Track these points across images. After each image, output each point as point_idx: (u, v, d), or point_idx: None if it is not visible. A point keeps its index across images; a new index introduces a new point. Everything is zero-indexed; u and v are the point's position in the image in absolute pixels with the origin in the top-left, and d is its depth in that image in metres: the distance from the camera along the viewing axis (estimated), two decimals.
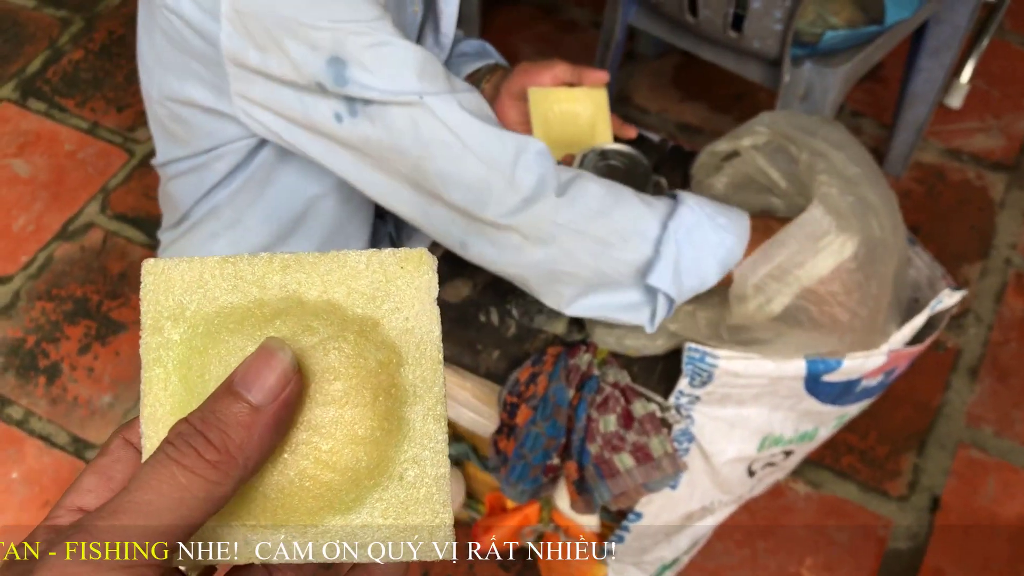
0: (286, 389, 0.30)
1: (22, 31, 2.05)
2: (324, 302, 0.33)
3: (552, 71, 1.01)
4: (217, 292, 0.33)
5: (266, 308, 0.33)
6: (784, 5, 1.21)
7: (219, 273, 0.33)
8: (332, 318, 0.32)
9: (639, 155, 0.96)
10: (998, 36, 1.94)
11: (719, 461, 0.91)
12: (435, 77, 0.82)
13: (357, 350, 0.32)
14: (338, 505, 0.32)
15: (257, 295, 0.33)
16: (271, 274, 0.33)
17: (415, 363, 0.33)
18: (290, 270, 0.33)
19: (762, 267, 0.79)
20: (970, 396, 1.50)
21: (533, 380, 0.92)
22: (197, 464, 0.29)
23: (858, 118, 1.86)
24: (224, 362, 0.32)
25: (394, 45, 0.81)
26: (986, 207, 1.72)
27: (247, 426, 0.30)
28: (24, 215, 1.77)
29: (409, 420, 0.33)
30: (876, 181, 0.85)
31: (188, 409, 0.31)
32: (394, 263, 0.33)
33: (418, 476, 0.32)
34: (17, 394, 1.55)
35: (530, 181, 0.82)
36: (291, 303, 0.33)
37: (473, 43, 1.14)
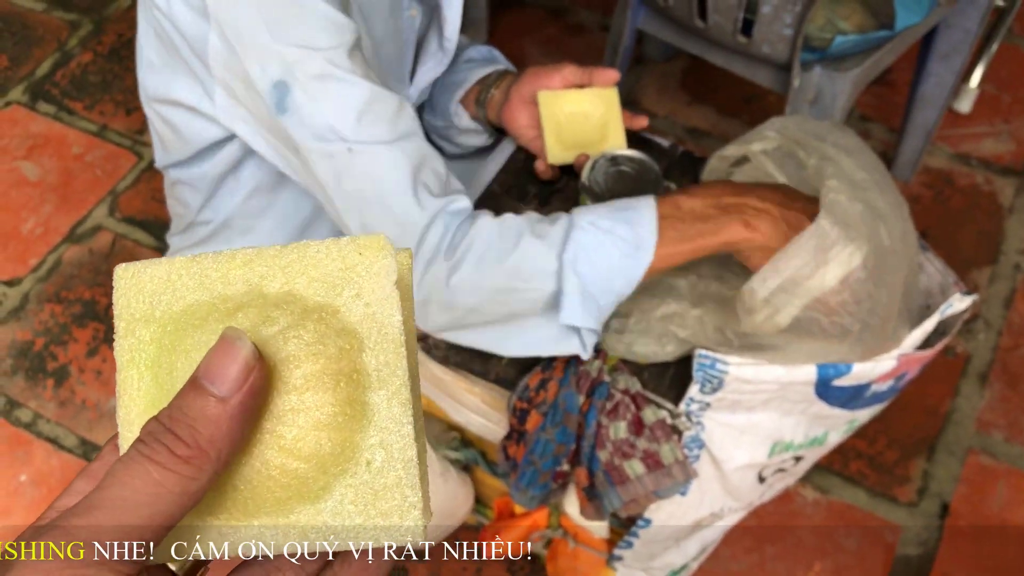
0: (249, 378, 0.31)
1: (31, 34, 2.06)
2: (285, 293, 0.33)
3: (561, 73, 1.01)
4: (184, 291, 0.33)
5: (229, 303, 0.33)
6: (794, 10, 1.20)
7: (186, 272, 0.34)
8: (292, 308, 0.33)
9: (650, 161, 0.96)
10: (1007, 40, 1.94)
11: (729, 467, 0.91)
12: (377, 121, 0.81)
13: (317, 337, 0.32)
14: (307, 494, 0.32)
15: (221, 291, 0.33)
16: (234, 269, 0.33)
17: (377, 348, 0.33)
18: (252, 264, 0.33)
19: (771, 281, 0.79)
20: (980, 402, 1.50)
21: (543, 386, 0.92)
22: (169, 460, 0.29)
23: (867, 122, 1.86)
24: (190, 358, 0.33)
25: (342, 81, 0.80)
26: (995, 212, 1.72)
27: (215, 419, 0.30)
28: (33, 218, 1.77)
29: (374, 405, 0.33)
30: (886, 187, 0.84)
31: (160, 406, 0.32)
32: (353, 250, 0.33)
33: (386, 461, 0.32)
34: (26, 396, 1.55)
35: (431, 243, 0.82)
36: (253, 296, 0.33)
37: (481, 49, 1.14)
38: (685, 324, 0.85)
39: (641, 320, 0.87)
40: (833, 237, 0.78)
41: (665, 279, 0.87)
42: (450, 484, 1.14)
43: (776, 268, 0.79)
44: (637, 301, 0.87)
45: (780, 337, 0.82)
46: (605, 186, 0.93)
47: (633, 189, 0.91)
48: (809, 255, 0.78)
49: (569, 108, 1.01)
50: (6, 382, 1.57)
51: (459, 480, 1.16)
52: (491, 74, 1.08)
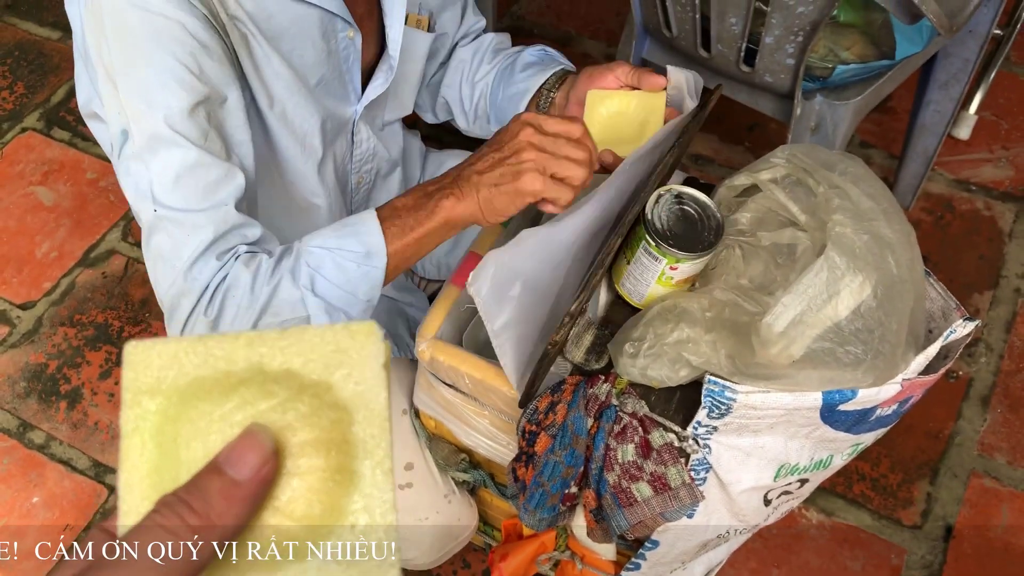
0: (264, 468, 0.34)
1: (47, 62, 2.09)
2: (283, 370, 0.37)
3: (614, 72, 1.04)
4: (190, 368, 0.37)
5: (232, 378, 0.36)
6: (796, 40, 1.23)
7: (192, 351, 0.37)
8: (290, 383, 0.36)
9: (714, 207, 0.93)
10: (1005, 68, 1.97)
11: (736, 490, 0.93)
12: (192, 185, 0.86)
13: (312, 409, 0.36)
14: (296, 552, 0.35)
15: (224, 368, 0.37)
16: (238, 349, 0.37)
17: (365, 422, 0.36)
18: (254, 345, 0.37)
19: (787, 314, 0.81)
20: (982, 425, 1.51)
21: (552, 408, 0.93)
22: (179, 527, 0.32)
23: (868, 148, 1.88)
24: (194, 425, 0.36)
25: (171, 144, 0.84)
26: (995, 237, 1.74)
27: (227, 497, 0.33)
28: (47, 242, 1.80)
29: (360, 473, 0.36)
30: (893, 216, 0.86)
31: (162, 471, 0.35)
32: (346, 335, 0.37)
33: (368, 525, 0.36)
34: (39, 419, 1.57)
35: (185, 308, 0.87)
36: (254, 372, 0.37)
37: (535, 52, 1.17)
38: (699, 351, 0.87)
39: (655, 345, 0.88)
40: (842, 268, 0.80)
41: (678, 303, 0.89)
42: (454, 505, 1.16)
43: (792, 301, 0.81)
44: (651, 326, 0.89)
45: (793, 367, 0.84)
46: (666, 223, 0.93)
47: (691, 232, 0.92)
48: (822, 286, 0.80)
49: (614, 108, 1.04)
50: (19, 404, 1.59)
51: (463, 501, 1.18)
52: (550, 78, 1.12)
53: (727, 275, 0.94)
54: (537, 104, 1.12)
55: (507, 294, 0.89)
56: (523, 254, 0.90)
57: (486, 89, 1.20)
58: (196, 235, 0.86)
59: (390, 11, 1.02)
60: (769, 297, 0.88)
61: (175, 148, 0.84)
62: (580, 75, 1.07)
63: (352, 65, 1.02)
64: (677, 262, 0.91)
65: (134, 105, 0.83)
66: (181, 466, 0.36)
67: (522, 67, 1.16)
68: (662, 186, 0.96)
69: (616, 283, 1.00)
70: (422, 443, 1.14)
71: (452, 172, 0.91)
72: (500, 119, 1.18)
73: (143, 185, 0.85)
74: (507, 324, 0.89)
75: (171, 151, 0.84)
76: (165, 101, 0.83)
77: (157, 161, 0.85)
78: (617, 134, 1.04)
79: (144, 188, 0.85)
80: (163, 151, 0.84)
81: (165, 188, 0.85)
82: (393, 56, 1.03)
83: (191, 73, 0.83)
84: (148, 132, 0.84)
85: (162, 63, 0.82)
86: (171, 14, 0.81)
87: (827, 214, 0.86)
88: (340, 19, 0.96)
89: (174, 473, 0.36)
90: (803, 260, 0.89)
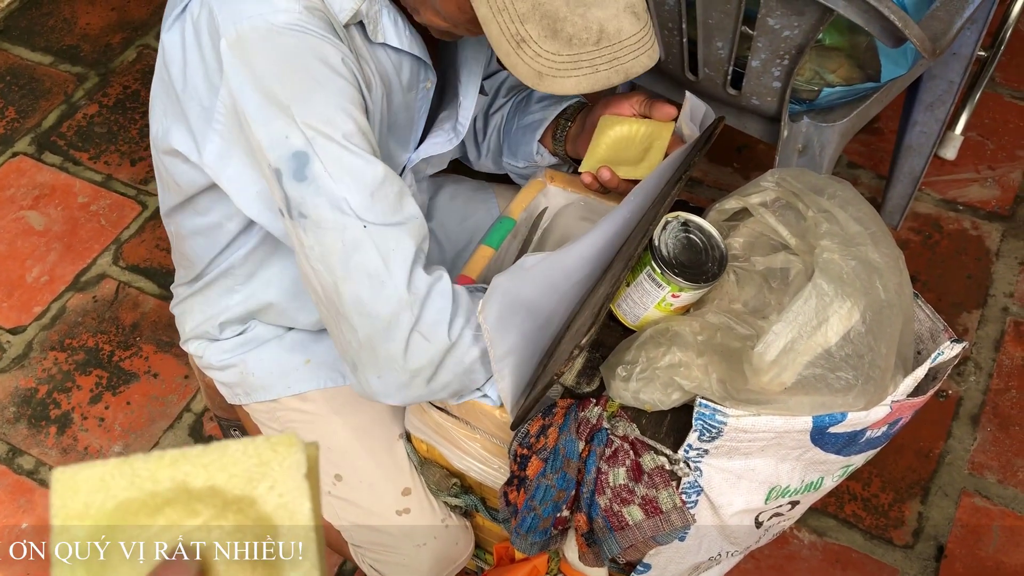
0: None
1: (38, 87, 2.10)
2: (207, 488, 0.38)
3: (629, 101, 1.07)
4: (116, 490, 0.38)
5: (157, 498, 0.38)
6: (782, 64, 1.25)
7: (118, 473, 0.38)
8: (214, 500, 0.37)
9: (719, 238, 0.94)
10: (990, 89, 1.99)
11: (727, 513, 0.93)
12: (385, 199, 0.85)
13: (236, 526, 0.37)
14: None
15: (150, 488, 0.38)
16: (161, 469, 0.38)
17: (290, 533, 0.37)
18: (178, 464, 0.38)
19: (779, 342, 0.82)
20: (972, 444, 1.52)
21: (544, 432, 0.94)
22: None
23: (855, 169, 1.90)
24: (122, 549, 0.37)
25: (359, 158, 0.84)
26: (983, 256, 1.75)
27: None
28: (38, 266, 1.80)
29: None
30: (881, 240, 0.87)
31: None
32: (267, 448, 0.38)
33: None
34: (28, 444, 1.56)
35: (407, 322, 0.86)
36: (179, 492, 0.38)
37: None
38: (690, 375, 0.87)
39: (647, 368, 0.89)
40: (831, 295, 0.81)
41: (670, 326, 0.90)
42: (451, 530, 1.15)
43: (783, 329, 0.82)
44: (643, 349, 0.89)
45: (785, 393, 0.85)
46: (672, 251, 0.93)
47: (697, 260, 0.93)
48: (811, 313, 0.81)
49: (623, 132, 1.06)
50: (9, 429, 1.58)
51: (459, 526, 1.17)
52: (567, 108, 1.14)
53: (720, 299, 0.95)
54: (553, 133, 1.14)
55: (512, 321, 0.89)
56: (529, 282, 0.90)
57: (500, 122, 1.21)
58: (402, 248, 0.85)
59: (466, 80, 1.05)
60: (763, 321, 0.89)
61: (365, 165, 0.84)
62: (597, 103, 1.09)
63: (422, 115, 1.04)
64: (680, 291, 0.92)
65: (313, 127, 0.82)
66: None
67: (537, 99, 1.18)
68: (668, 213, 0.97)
69: (612, 303, 1.00)
70: (415, 468, 1.14)
71: None
72: (515, 150, 1.19)
73: (338, 202, 0.83)
74: (509, 351, 0.89)
75: (362, 168, 0.84)
76: (345, 126, 0.84)
77: (350, 178, 0.84)
78: (620, 155, 1.06)
79: (343, 207, 0.83)
80: (355, 168, 0.84)
81: (365, 204, 0.84)
82: (463, 123, 1.05)
83: (357, 92, 0.85)
84: (334, 148, 0.83)
85: (333, 86, 0.83)
86: (324, 34, 0.84)
87: (815, 239, 0.87)
88: (428, 68, 0.99)
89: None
90: (796, 284, 0.90)
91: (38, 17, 2.25)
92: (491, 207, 1.30)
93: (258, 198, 0.91)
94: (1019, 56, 2.05)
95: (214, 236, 1.03)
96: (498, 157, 1.23)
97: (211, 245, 1.04)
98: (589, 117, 1.10)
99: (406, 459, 1.14)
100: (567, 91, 0.84)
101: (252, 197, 0.91)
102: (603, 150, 1.06)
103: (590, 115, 1.10)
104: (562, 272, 0.93)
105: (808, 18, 1.15)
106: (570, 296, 0.96)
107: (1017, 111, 1.97)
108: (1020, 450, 1.51)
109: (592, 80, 0.84)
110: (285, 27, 0.82)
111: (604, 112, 1.08)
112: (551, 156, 1.16)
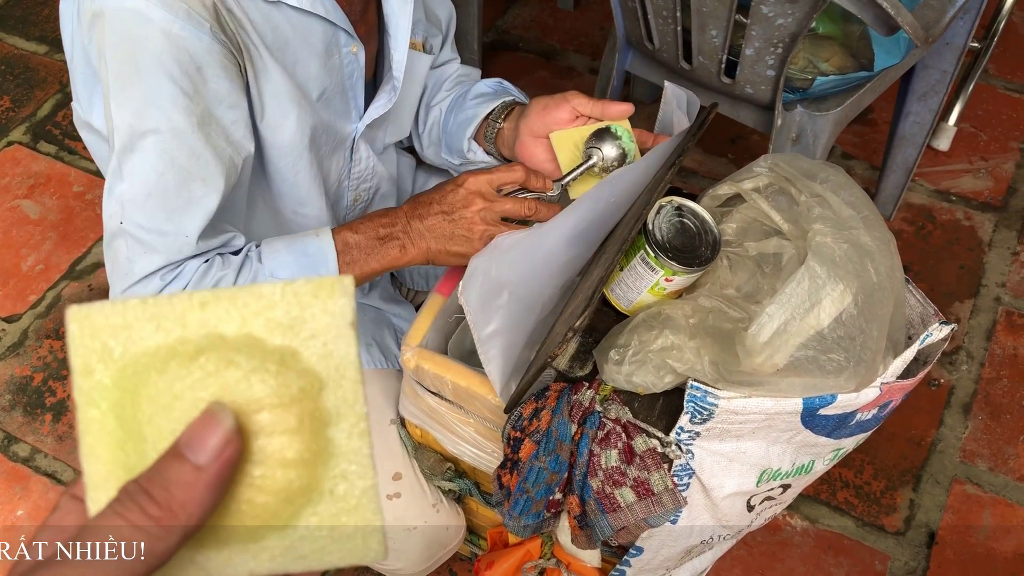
0: (227, 450, 0.33)
1: (33, 76, 2.10)
2: (244, 335, 0.34)
3: (569, 104, 1.01)
4: (142, 333, 0.34)
5: (189, 345, 0.34)
6: (776, 52, 1.25)
7: (142, 315, 0.34)
8: (253, 351, 0.34)
9: (712, 222, 0.94)
10: (983, 80, 2.00)
11: (719, 495, 0.93)
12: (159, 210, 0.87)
13: (279, 379, 0.34)
14: (275, 522, 0.35)
15: (180, 333, 0.34)
16: (191, 311, 0.34)
17: (336, 386, 0.35)
18: (208, 306, 0.34)
19: (772, 324, 0.82)
20: (964, 432, 1.53)
21: (536, 415, 0.94)
22: (140, 518, 0.31)
23: (849, 160, 1.91)
24: (155, 402, 0.34)
25: (146, 162, 0.85)
26: (975, 247, 1.76)
27: (189, 484, 0.32)
28: (33, 255, 1.80)
29: (335, 439, 0.35)
30: (872, 224, 0.88)
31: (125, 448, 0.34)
32: (308, 292, 0.35)
33: (347, 490, 0.35)
34: (23, 431, 1.57)
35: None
36: (213, 339, 0.34)
37: (491, 83, 1.16)
38: (682, 358, 0.88)
39: (640, 352, 0.89)
40: (824, 277, 0.81)
41: (662, 310, 0.90)
42: (442, 515, 1.16)
43: (776, 311, 0.82)
44: (636, 332, 0.90)
45: (777, 375, 0.85)
46: (666, 235, 0.93)
47: (690, 245, 0.93)
48: (804, 295, 0.82)
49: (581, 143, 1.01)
50: (4, 417, 1.59)
51: (451, 511, 1.18)
52: (495, 108, 1.11)
53: (712, 284, 0.95)
54: (484, 133, 1.11)
55: (494, 303, 0.90)
56: (509, 263, 0.91)
57: (439, 115, 1.19)
58: (149, 257, 0.88)
59: (394, 33, 1.02)
60: (756, 305, 0.89)
61: (151, 167, 0.85)
62: (531, 107, 1.04)
63: (356, 82, 1.02)
64: (673, 275, 0.92)
65: (123, 118, 0.84)
66: (147, 444, 0.34)
67: (474, 95, 1.15)
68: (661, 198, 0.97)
69: (604, 287, 1.00)
70: (408, 453, 1.15)
71: (402, 217, 0.96)
72: (450, 146, 1.17)
73: (116, 192, 0.87)
74: (494, 333, 0.89)
75: (147, 169, 0.85)
76: (154, 119, 0.84)
77: (133, 175, 0.86)
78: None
79: (117, 195, 0.87)
80: (140, 166, 0.85)
81: (135, 203, 0.87)
82: (397, 77, 1.03)
83: (185, 94, 0.84)
84: (130, 146, 0.85)
85: (156, 82, 0.83)
86: (176, 30, 0.81)
87: (808, 223, 0.87)
88: (344, 33, 0.97)
89: (140, 453, 0.34)
90: (788, 269, 0.91)
91: (32, 7, 2.24)
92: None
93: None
94: (1012, 48, 2.05)
95: None
96: (438, 151, 1.21)
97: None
98: (524, 119, 1.04)
99: (398, 444, 1.14)
100: None
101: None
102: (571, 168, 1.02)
103: (525, 117, 1.04)
104: (544, 253, 0.93)
105: (802, 6, 1.16)
106: (556, 278, 0.96)
107: (1010, 103, 1.98)
108: (1011, 438, 1.52)
109: None
110: (131, 11, 0.81)
111: (543, 116, 1.02)
112: (484, 155, 1.13)
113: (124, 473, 0.34)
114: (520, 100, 1.13)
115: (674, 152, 0.98)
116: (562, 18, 2.22)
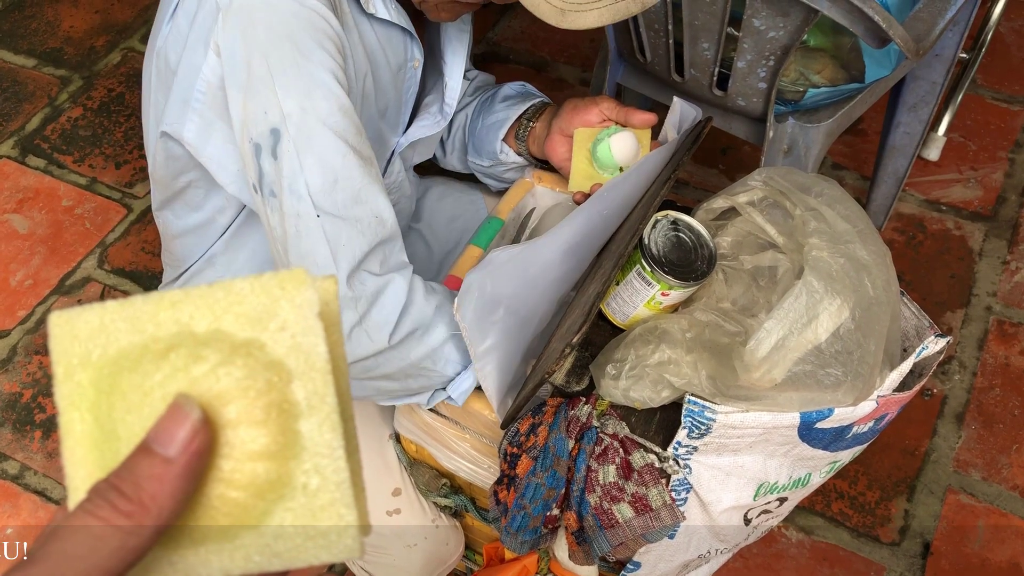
0: (195, 441, 0.32)
1: (22, 90, 2.09)
2: (213, 331, 0.34)
3: (599, 107, 1.06)
4: (118, 334, 0.35)
5: (160, 343, 0.34)
6: (767, 65, 1.26)
7: (118, 316, 0.35)
8: (221, 345, 0.34)
9: (708, 236, 0.94)
10: (972, 91, 2.01)
11: (716, 510, 0.93)
12: (349, 188, 0.84)
13: (246, 372, 0.34)
14: (248, 519, 0.34)
15: (152, 332, 0.35)
16: (163, 311, 0.35)
17: (305, 378, 0.34)
18: (180, 305, 0.35)
19: (770, 339, 0.83)
20: (957, 442, 1.53)
21: (533, 431, 0.94)
22: (111, 515, 0.31)
23: (840, 170, 1.91)
24: (127, 399, 0.34)
25: (333, 140, 0.82)
26: (966, 256, 1.77)
27: (159, 478, 0.32)
28: (22, 270, 1.78)
29: (305, 432, 0.34)
30: (868, 237, 0.88)
31: (103, 446, 0.34)
32: (275, 285, 0.35)
33: (320, 484, 0.34)
34: (13, 448, 1.55)
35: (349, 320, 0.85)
36: (183, 336, 0.34)
37: (514, 86, 1.19)
38: (680, 372, 0.88)
39: (637, 366, 0.89)
40: (821, 292, 0.81)
41: (659, 324, 0.90)
42: (440, 531, 1.15)
43: (774, 326, 0.82)
44: (633, 347, 0.90)
45: (775, 389, 0.85)
46: (662, 249, 0.93)
47: (686, 259, 0.93)
48: (802, 310, 0.82)
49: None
50: None
51: (449, 526, 1.17)
52: (528, 108, 1.14)
53: (708, 298, 0.95)
54: (516, 133, 1.14)
55: (490, 319, 0.89)
56: (504, 278, 0.90)
57: (465, 120, 1.21)
58: (352, 245, 0.84)
59: (450, 61, 1.04)
60: (752, 319, 0.89)
61: (335, 149, 0.82)
62: (564, 106, 1.09)
63: (410, 97, 1.04)
64: (670, 289, 0.92)
65: (292, 103, 0.80)
66: (120, 442, 0.34)
67: (502, 99, 1.18)
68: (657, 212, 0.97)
69: (600, 302, 1.00)
70: (404, 468, 1.14)
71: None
72: (479, 148, 1.19)
73: (298, 185, 0.82)
74: (490, 348, 0.89)
75: (332, 152, 0.82)
76: (324, 98, 0.81)
77: (315, 160, 0.81)
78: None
79: (302, 190, 0.82)
80: (323, 152, 0.82)
81: (324, 189, 0.82)
82: (449, 104, 1.05)
83: (341, 69, 0.83)
84: (307, 132, 0.81)
85: (320, 60, 0.81)
86: (321, 10, 0.81)
87: (804, 237, 0.87)
88: (415, 44, 0.97)
89: (114, 451, 0.34)
90: (784, 282, 0.91)
91: (21, 20, 2.23)
92: (479, 208, 1.30)
93: (240, 175, 0.90)
94: (1000, 58, 2.07)
95: (204, 234, 1.02)
96: (463, 155, 1.23)
97: (201, 243, 1.03)
98: (556, 118, 1.09)
99: (396, 460, 1.13)
100: (589, 24, 0.83)
101: (234, 174, 0.90)
102: (586, 164, 1.06)
103: (557, 116, 1.09)
104: (538, 268, 0.93)
105: (793, 19, 1.16)
106: (551, 292, 0.96)
107: (998, 112, 1.99)
108: (1004, 448, 1.52)
109: (613, 11, 0.83)
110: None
111: (573, 116, 1.07)
112: (515, 155, 1.16)
113: (101, 474, 0.34)
114: (547, 101, 1.17)
115: (669, 166, 0.98)
116: (552, 30, 2.22)
